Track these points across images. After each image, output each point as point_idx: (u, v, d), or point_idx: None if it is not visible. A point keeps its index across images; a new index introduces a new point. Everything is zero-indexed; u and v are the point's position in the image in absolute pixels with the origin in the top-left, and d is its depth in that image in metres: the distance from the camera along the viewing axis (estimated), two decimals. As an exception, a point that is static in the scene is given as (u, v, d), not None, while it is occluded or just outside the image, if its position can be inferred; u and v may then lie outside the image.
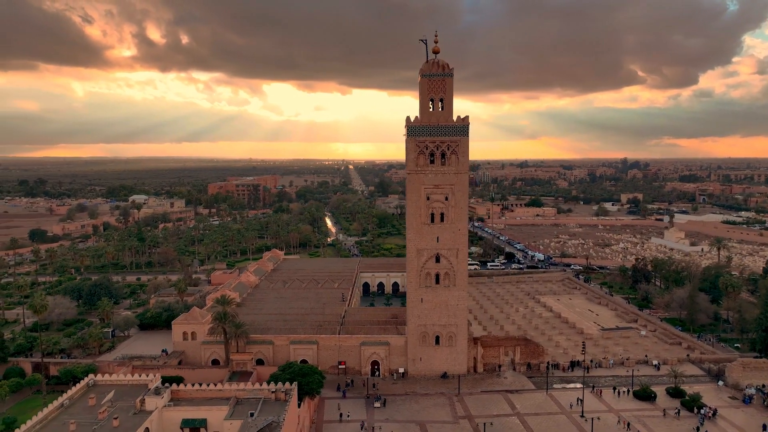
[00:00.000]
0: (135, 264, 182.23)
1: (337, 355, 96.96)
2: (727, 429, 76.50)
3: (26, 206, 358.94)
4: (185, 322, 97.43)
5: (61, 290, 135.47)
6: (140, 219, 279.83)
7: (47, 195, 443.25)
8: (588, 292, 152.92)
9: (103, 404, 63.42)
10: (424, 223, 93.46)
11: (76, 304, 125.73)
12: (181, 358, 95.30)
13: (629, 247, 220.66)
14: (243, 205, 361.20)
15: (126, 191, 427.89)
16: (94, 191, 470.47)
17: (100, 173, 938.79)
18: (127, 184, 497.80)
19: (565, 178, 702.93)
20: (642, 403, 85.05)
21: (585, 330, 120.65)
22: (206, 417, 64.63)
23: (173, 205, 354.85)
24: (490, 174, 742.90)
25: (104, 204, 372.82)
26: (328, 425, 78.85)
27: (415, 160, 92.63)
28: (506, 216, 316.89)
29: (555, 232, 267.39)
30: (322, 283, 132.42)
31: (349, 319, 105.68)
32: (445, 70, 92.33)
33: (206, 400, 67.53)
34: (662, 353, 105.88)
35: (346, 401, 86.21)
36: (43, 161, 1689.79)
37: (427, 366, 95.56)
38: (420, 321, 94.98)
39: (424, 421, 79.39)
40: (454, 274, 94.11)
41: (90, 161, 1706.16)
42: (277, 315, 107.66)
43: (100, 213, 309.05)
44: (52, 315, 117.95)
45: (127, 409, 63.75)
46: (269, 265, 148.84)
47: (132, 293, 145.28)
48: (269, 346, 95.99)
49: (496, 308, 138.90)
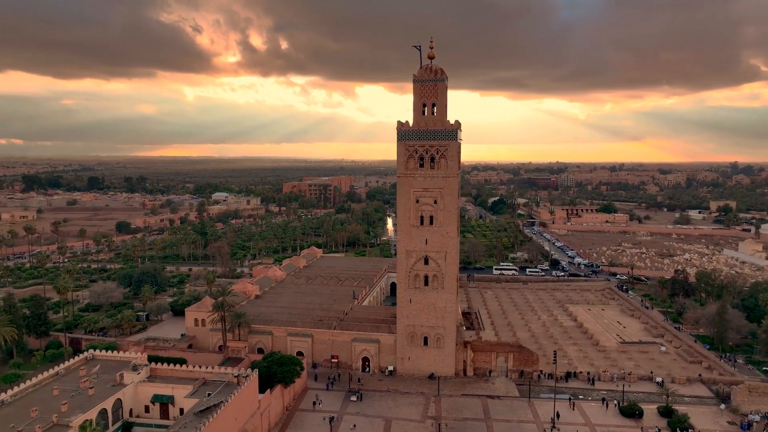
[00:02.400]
0: (192, 256, 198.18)
1: (331, 349, 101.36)
2: (705, 454, 71.80)
3: (124, 201, 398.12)
4: (197, 309, 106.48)
5: (114, 276, 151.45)
6: (213, 215, 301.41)
7: (145, 191, 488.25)
8: (624, 304, 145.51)
9: (87, 376, 72.41)
10: (414, 225, 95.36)
11: (124, 289, 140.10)
12: (191, 342, 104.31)
13: (694, 258, 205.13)
14: (313, 204, 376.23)
15: (211, 189, 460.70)
16: (186, 188, 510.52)
17: (202, 171, 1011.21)
18: (213, 182, 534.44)
19: (657, 183, 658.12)
20: (625, 420, 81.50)
21: (601, 342, 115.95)
22: (173, 394, 71.66)
23: (249, 202, 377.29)
24: (575, 177, 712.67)
25: (191, 200, 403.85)
26: (300, 413, 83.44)
27: (405, 164, 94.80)
28: (572, 221, 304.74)
29: (619, 239, 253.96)
30: (343, 281, 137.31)
31: (351, 315, 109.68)
32: (437, 76, 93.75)
33: (178, 379, 74.63)
34: (677, 371, 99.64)
35: (328, 393, 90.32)
36: (157, 160, 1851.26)
37: (416, 366, 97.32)
38: (409, 321, 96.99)
39: (391, 418, 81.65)
40: (442, 277, 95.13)
41: (196, 160, 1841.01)
42: (286, 308, 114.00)
43: (181, 208, 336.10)
44: (101, 298, 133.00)
45: (108, 381, 72.28)
46: (302, 262, 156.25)
47: (179, 282, 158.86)
48: (269, 336, 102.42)
49: (518, 314, 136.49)
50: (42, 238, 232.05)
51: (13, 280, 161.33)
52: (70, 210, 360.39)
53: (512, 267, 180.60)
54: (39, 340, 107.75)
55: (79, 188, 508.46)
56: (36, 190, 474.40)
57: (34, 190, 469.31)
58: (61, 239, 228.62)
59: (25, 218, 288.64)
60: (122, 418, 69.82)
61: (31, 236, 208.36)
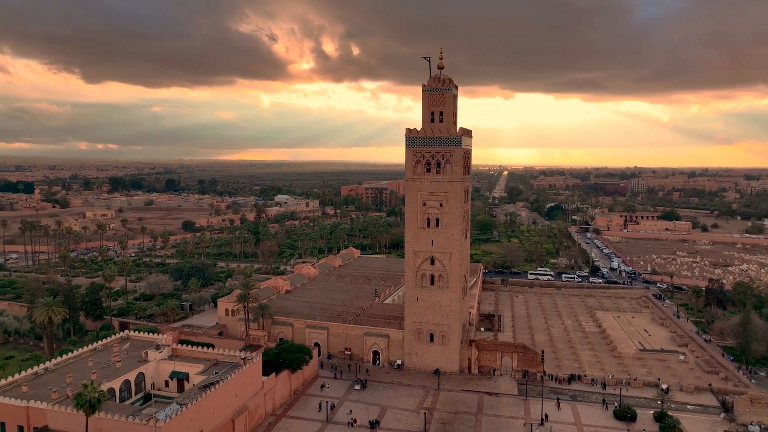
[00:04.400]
0: (243, 253, 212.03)
1: (345, 341, 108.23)
2: (686, 459, 72.10)
3: (194, 202, 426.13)
4: (227, 301, 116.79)
5: (167, 270, 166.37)
6: (271, 216, 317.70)
7: (215, 193, 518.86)
8: (657, 312, 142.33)
9: (118, 352, 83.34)
10: (420, 227, 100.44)
11: (174, 281, 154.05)
12: (222, 330, 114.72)
13: (752, 268, 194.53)
14: (368, 207, 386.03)
15: (275, 191, 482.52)
16: (253, 191, 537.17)
17: (273, 175, 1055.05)
18: (278, 185, 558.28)
19: (739, 189, 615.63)
20: (617, 422, 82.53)
21: (619, 348, 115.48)
22: (188, 371, 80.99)
23: (308, 204, 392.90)
24: (647, 183, 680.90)
25: (255, 202, 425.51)
26: (306, 397, 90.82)
27: (413, 169, 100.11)
28: (629, 228, 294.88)
29: (675, 248, 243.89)
30: (371, 281, 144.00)
31: (368, 311, 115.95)
32: (444, 85, 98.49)
33: (195, 359, 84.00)
34: (690, 380, 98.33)
35: (336, 381, 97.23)
36: (234, 163, 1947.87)
37: (422, 361, 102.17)
38: (416, 318, 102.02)
39: (387, 406, 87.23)
40: (447, 277, 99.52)
41: (271, 164, 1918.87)
42: (309, 303, 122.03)
43: (243, 209, 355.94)
44: (154, 289, 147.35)
45: (134, 357, 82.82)
46: (338, 261, 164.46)
47: (226, 277, 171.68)
48: (289, 327, 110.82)
49: (542, 319, 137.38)
50: (116, 234, 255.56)
51: (85, 271, 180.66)
52: (147, 210, 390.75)
53: (548, 272, 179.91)
54: (95, 322, 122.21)
55: (158, 190, 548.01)
56: (120, 191, 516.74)
57: (119, 191, 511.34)
58: (131, 236, 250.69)
59: (105, 216, 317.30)
60: (144, 390, 79.89)
61: (103, 232, 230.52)
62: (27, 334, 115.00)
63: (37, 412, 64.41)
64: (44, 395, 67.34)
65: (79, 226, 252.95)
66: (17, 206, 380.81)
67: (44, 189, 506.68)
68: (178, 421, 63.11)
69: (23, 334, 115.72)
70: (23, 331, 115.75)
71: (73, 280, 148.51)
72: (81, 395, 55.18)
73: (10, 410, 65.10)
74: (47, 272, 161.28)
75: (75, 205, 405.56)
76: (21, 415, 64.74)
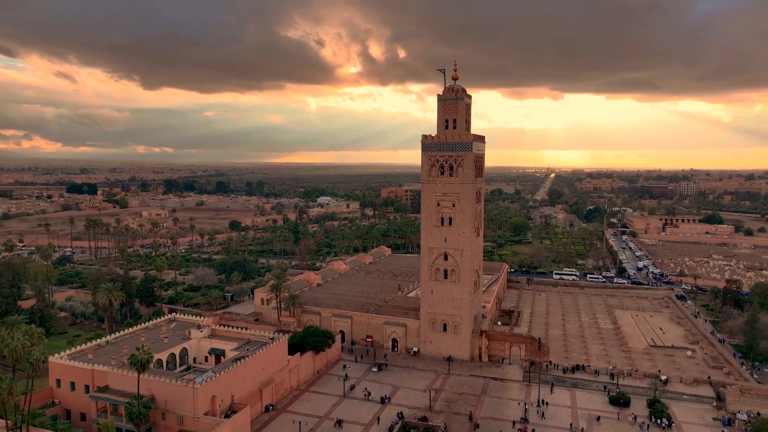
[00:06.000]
0: (283, 251, 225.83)
1: (366, 329, 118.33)
2: (668, 439, 78.18)
3: (242, 203, 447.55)
4: (262, 291, 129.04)
5: (212, 265, 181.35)
6: (312, 216, 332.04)
7: (261, 194, 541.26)
8: (676, 312, 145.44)
9: (166, 331, 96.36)
10: (435, 225, 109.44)
11: (218, 275, 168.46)
12: (257, 317, 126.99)
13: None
14: (407, 209, 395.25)
15: (318, 193, 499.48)
16: (297, 192, 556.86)
17: (319, 177, 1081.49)
18: (321, 187, 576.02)
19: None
20: (610, 407, 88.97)
21: (629, 344, 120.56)
22: (224, 348, 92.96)
23: (348, 206, 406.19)
24: (699, 186, 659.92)
25: (299, 203, 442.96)
26: (328, 376, 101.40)
27: (428, 172, 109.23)
28: (667, 232, 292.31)
29: (712, 251, 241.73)
30: (396, 276, 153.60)
31: (390, 303, 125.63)
32: (457, 95, 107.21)
33: (230, 338, 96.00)
34: (692, 373, 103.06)
35: (356, 364, 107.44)
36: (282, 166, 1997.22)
37: (436, 348, 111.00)
38: (430, 309, 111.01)
39: (399, 386, 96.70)
40: (459, 271, 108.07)
41: (318, 166, 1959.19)
42: (337, 295, 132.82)
43: (287, 210, 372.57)
44: (200, 281, 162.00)
45: (179, 335, 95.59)
46: (368, 259, 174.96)
47: (266, 272, 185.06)
48: (317, 316, 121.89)
49: (560, 315, 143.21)
50: (168, 232, 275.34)
51: (140, 264, 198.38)
52: (198, 210, 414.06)
53: (573, 272, 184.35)
54: (148, 309, 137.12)
55: (208, 191, 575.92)
56: (173, 192, 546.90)
57: (172, 193, 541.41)
58: (182, 234, 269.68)
59: (159, 216, 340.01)
60: (187, 363, 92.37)
61: (157, 230, 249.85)
62: (91, 316, 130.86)
63: (100, 374, 77.54)
64: (105, 362, 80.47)
65: (136, 224, 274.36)
66: (82, 206, 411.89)
67: (106, 190, 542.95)
68: (212, 385, 74.78)
69: (88, 317, 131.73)
70: (88, 314, 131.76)
71: (129, 272, 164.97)
72: (134, 356, 67.34)
73: (80, 372, 78.59)
74: (108, 265, 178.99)
75: (133, 205, 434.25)
76: (87, 376, 78.07)
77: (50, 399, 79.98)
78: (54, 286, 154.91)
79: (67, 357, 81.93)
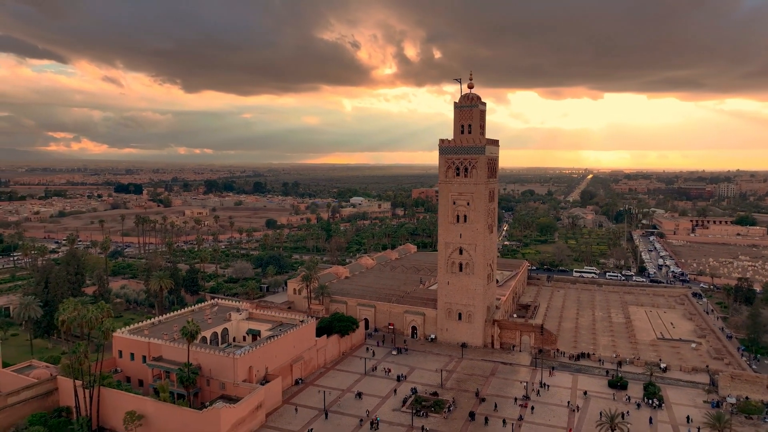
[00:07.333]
0: (316, 248, 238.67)
1: (388, 318, 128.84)
2: (657, 415, 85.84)
3: (278, 203, 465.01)
4: (295, 282, 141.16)
5: (250, 259, 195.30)
6: (344, 216, 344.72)
7: (297, 194, 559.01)
8: (690, 309, 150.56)
9: (209, 313, 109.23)
10: (451, 222, 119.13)
11: (255, 268, 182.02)
12: (290, 305, 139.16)
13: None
14: (437, 209, 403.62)
15: (351, 193, 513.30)
16: (331, 192, 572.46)
17: (354, 177, 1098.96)
18: (354, 188, 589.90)
19: None
20: (608, 389, 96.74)
21: (638, 336, 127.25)
22: (260, 329, 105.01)
23: (380, 206, 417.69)
24: (740, 188, 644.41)
25: (332, 203, 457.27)
26: (352, 357, 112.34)
27: (445, 173, 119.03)
28: (697, 233, 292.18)
29: (740, 252, 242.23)
30: (419, 271, 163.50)
31: (410, 294, 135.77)
32: (473, 102, 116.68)
33: (265, 320, 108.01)
34: (692, 363, 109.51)
35: (378, 348, 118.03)
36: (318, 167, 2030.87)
37: (452, 336, 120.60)
38: (446, 300, 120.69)
39: (415, 366, 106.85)
40: (473, 265, 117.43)
41: (353, 167, 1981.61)
42: (363, 287, 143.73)
43: (320, 210, 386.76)
44: (238, 273, 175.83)
45: (221, 318, 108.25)
46: (394, 255, 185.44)
47: (299, 266, 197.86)
48: (344, 305, 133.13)
49: (575, 310, 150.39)
50: (209, 229, 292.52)
51: (185, 258, 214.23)
52: (236, 209, 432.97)
53: (593, 271, 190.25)
54: (192, 297, 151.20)
55: (246, 191, 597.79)
56: (213, 192, 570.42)
57: (212, 193, 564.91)
58: (222, 231, 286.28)
59: (201, 214, 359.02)
60: (227, 341, 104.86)
61: (199, 228, 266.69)
62: (142, 302, 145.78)
63: (155, 346, 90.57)
64: (159, 337, 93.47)
65: (180, 222, 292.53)
66: (129, 205, 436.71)
67: (150, 190, 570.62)
68: (249, 357, 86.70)
69: (140, 303, 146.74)
70: (140, 301, 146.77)
71: (176, 265, 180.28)
72: (185, 328, 79.71)
73: (138, 344, 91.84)
74: (155, 258, 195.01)
75: (176, 204, 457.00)
76: (144, 348, 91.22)
77: (114, 367, 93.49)
78: (109, 277, 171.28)
79: (128, 332, 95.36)
